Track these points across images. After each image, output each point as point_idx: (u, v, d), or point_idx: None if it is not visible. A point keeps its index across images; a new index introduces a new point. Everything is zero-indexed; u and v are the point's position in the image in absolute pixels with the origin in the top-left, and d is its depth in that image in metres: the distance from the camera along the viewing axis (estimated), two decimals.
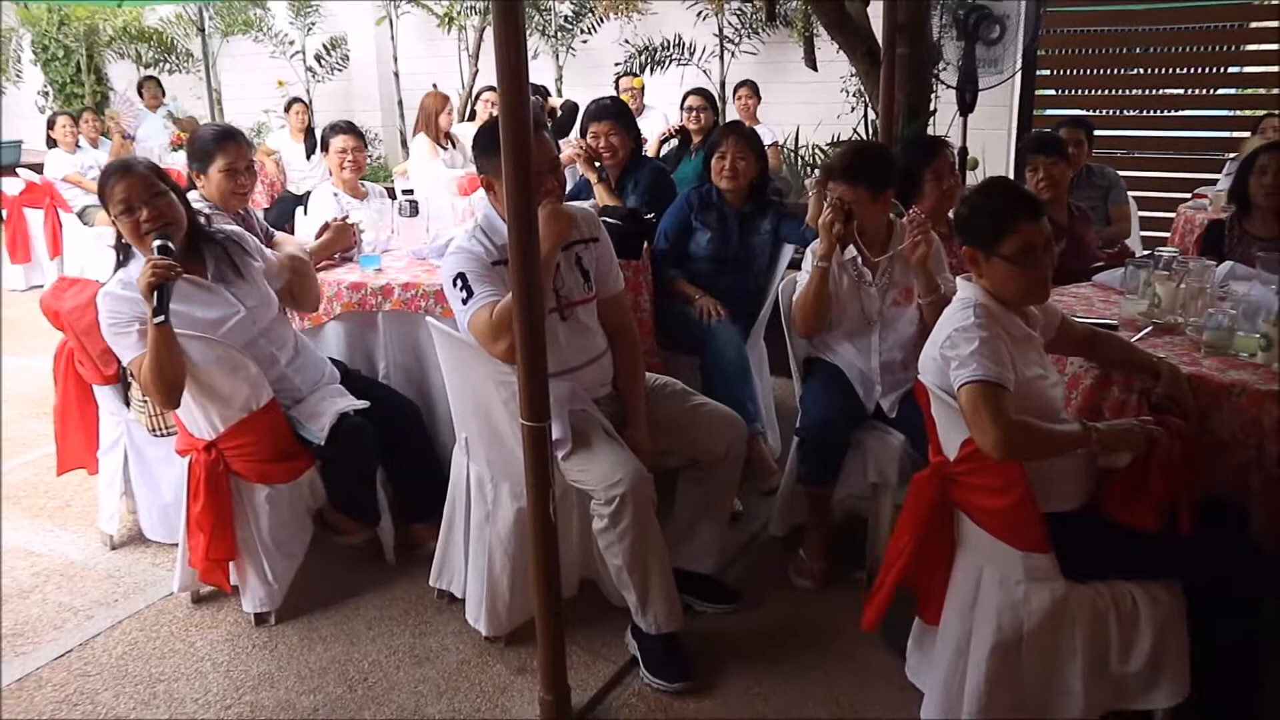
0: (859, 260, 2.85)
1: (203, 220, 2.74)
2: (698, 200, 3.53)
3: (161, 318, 2.38)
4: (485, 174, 2.51)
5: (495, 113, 2.03)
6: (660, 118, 6.71)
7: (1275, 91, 6.75)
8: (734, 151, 3.44)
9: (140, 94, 8.74)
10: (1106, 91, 7.07)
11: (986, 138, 6.21)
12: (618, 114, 3.82)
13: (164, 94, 8.84)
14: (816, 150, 7.00)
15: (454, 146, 5.58)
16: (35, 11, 9.89)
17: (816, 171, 6.06)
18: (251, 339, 2.69)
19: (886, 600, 2.20)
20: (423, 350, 3.15)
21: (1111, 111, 7.00)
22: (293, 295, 2.91)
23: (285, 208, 4.65)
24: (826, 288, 2.80)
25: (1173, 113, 7.01)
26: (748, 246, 3.55)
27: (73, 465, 3.24)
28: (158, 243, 2.46)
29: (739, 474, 2.74)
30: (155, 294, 2.37)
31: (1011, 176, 4.58)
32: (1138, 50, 6.94)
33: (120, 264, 2.63)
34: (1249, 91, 7.09)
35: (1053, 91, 7.18)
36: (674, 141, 5.46)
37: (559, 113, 5.95)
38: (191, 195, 3.12)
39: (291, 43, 9.64)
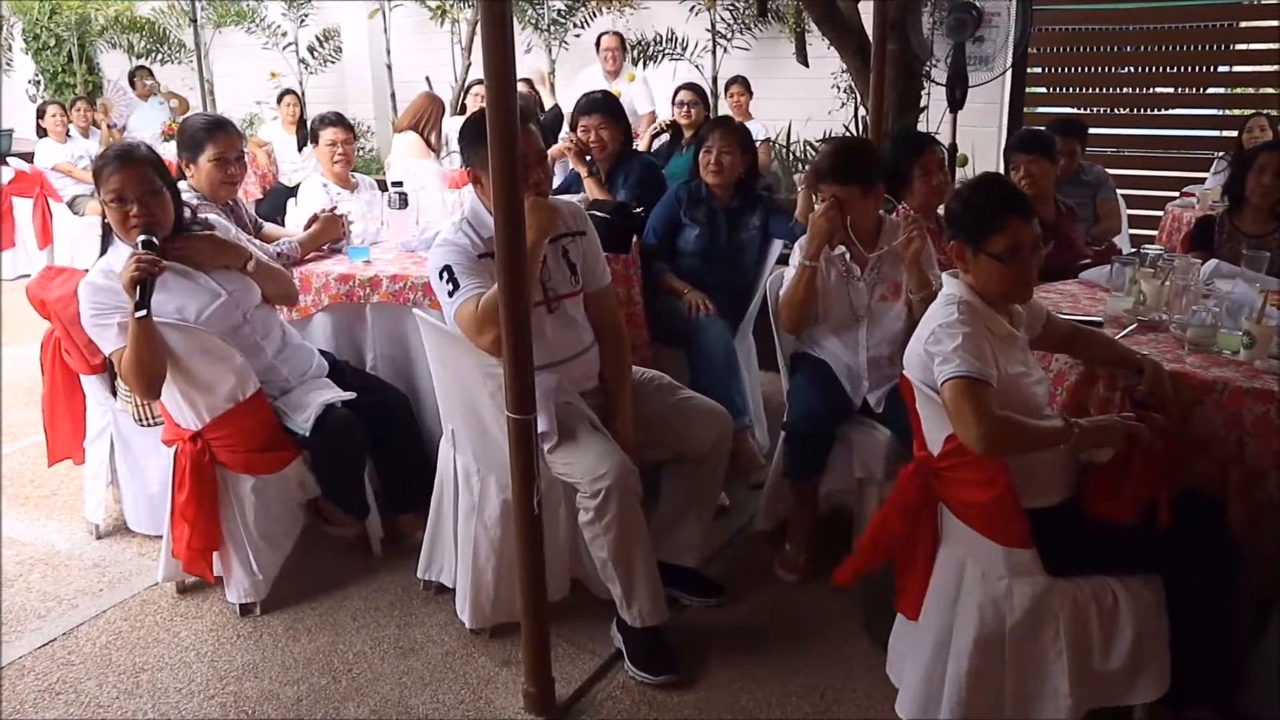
0: (847, 256, 2.85)
1: (188, 213, 2.73)
2: (686, 196, 3.53)
3: (144, 312, 2.38)
4: (471, 166, 2.51)
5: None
6: (642, 96, 6.77)
7: (1264, 91, 6.79)
8: (720, 146, 3.44)
9: (132, 84, 8.71)
10: (1096, 90, 7.09)
11: (977, 135, 6.22)
12: (607, 107, 3.83)
13: (158, 84, 8.82)
14: (807, 146, 7.01)
15: (439, 154, 5.54)
16: (27, 0, 9.83)
17: (806, 167, 6.07)
18: (235, 325, 2.69)
19: (867, 565, 2.24)
20: (410, 342, 3.15)
21: (1101, 109, 7.03)
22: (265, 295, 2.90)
23: (277, 199, 4.65)
24: (814, 286, 2.81)
25: (1162, 111, 7.04)
26: (736, 242, 3.55)
27: (63, 455, 3.23)
28: (142, 238, 2.46)
29: (724, 468, 2.74)
30: (138, 289, 2.37)
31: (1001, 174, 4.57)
32: (1128, 49, 6.96)
33: (102, 251, 2.62)
34: (1238, 91, 7.12)
35: (1043, 90, 7.20)
36: (665, 136, 5.46)
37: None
38: (180, 185, 3.11)
39: (284, 34, 9.60)
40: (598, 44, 7.11)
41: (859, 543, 2.28)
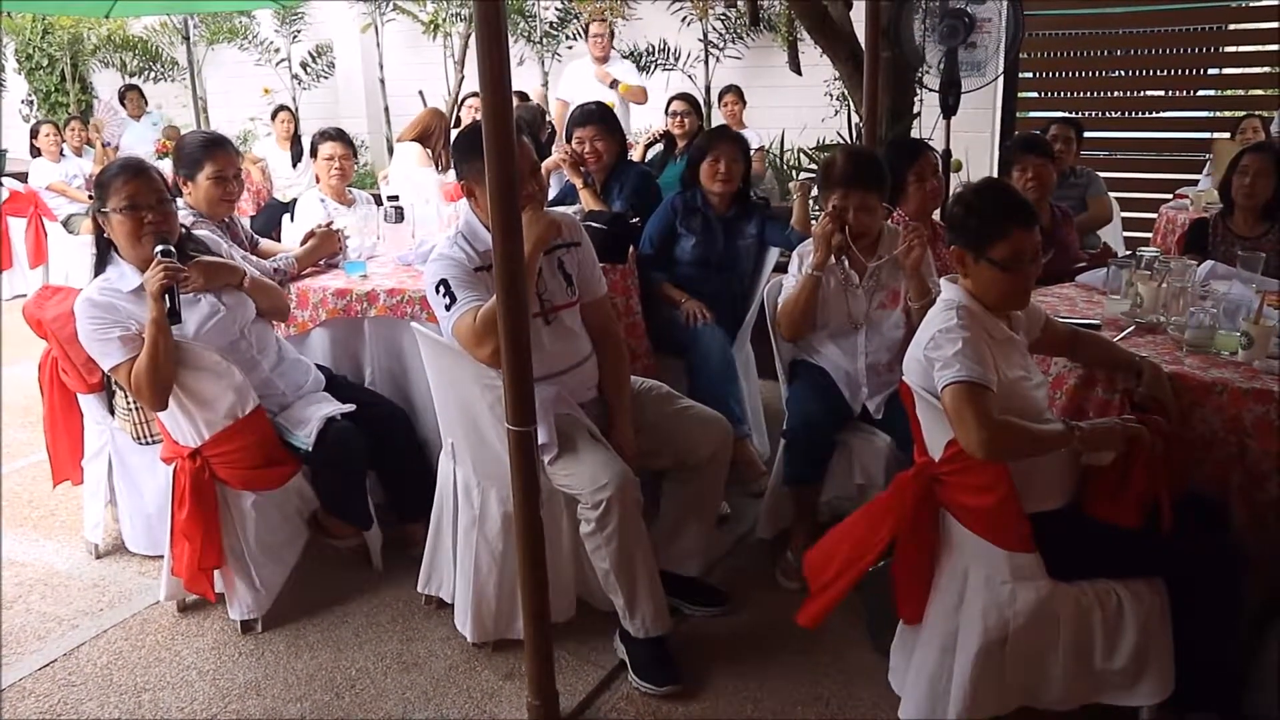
0: (846, 264, 2.85)
1: (183, 229, 2.73)
2: (682, 205, 3.53)
3: (176, 319, 2.41)
4: (465, 179, 2.52)
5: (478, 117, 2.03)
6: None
7: (1254, 92, 6.84)
8: (728, 155, 3.44)
9: (123, 103, 8.73)
10: (1088, 94, 7.12)
11: (969, 140, 6.24)
12: (602, 119, 3.83)
13: (146, 102, 8.83)
14: (801, 154, 7.03)
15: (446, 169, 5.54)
16: (19, 20, 9.85)
17: (801, 175, 6.08)
18: (233, 340, 2.69)
19: (836, 601, 2.19)
20: (408, 356, 3.14)
21: (1093, 113, 7.06)
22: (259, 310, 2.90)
23: (271, 215, 4.64)
24: (816, 295, 2.81)
25: (1154, 114, 7.08)
26: (732, 250, 3.55)
27: (64, 477, 3.22)
28: (160, 246, 2.47)
29: (725, 476, 2.73)
30: (166, 296, 2.39)
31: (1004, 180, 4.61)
32: (1118, 53, 7.01)
33: (98, 268, 2.62)
34: (1229, 93, 7.17)
35: (1035, 94, 7.23)
36: (659, 146, 5.47)
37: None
38: (176, 203, 3.12)
39: (277, 50, 9.63)
40: (586, 30, 7.14)
41: (829, 576, 2.22)
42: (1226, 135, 5.87)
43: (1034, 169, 3.62)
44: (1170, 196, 5.49)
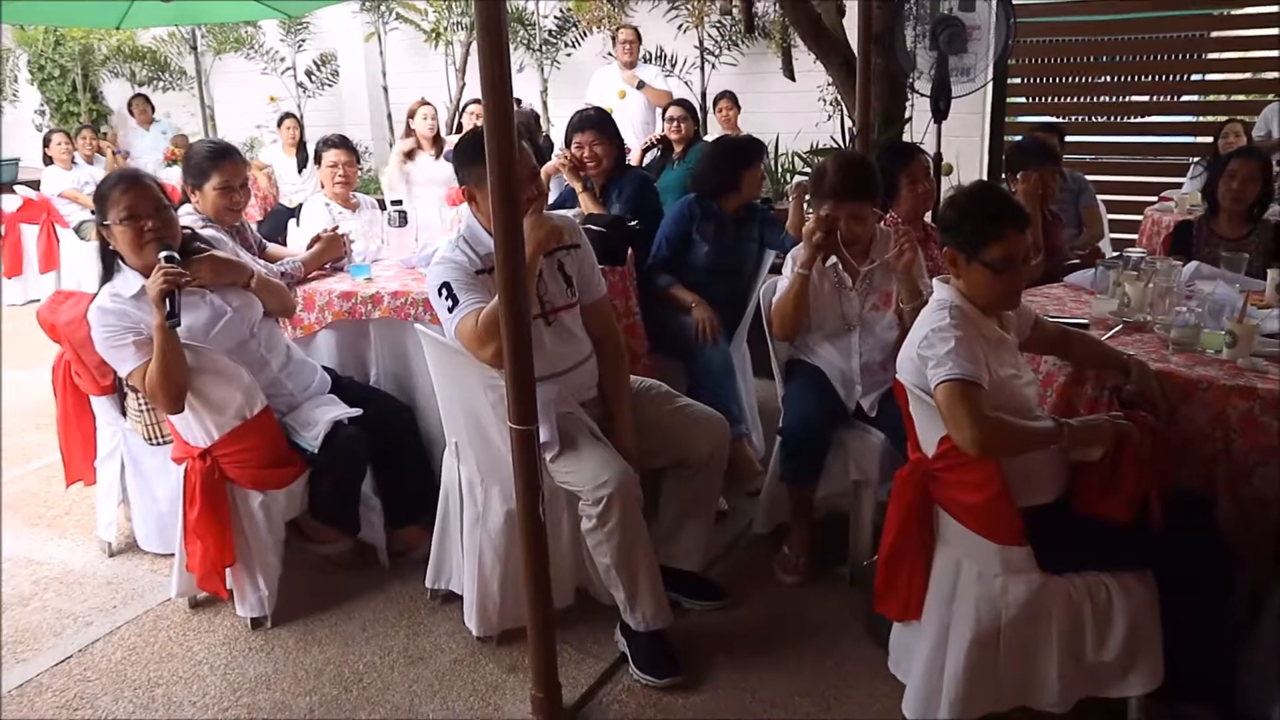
0: (839, 267, 2.91)
1: (189, 230, 2.79)
2: (700, 211, 3.57)
3: (175, 321, 2.44)
4: (467, 185, 2.56)
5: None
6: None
7: (1236, 98, 6.93)
8: (759, 164, 3.60)
9: (131, 111, 8.81)
10: (1074, 99, 7.21)
11: (960, 144, 6.29)
12: (601, 123, 3.87)
13: (154, 110, 8.91)
14: (795, 158, 7.10)
15: (439, 156, 5.59)
16: (31, 32, 9.93)
17: (796, 178, 6.14)
18: (242, 340, 2.75)
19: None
20: (412, 357, 3.19)
21: (1080, 118, 7.13)
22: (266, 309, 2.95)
23: (278, 220, 4.71)
24: (806, 294, 2.87)
25: (1138, 119, 7.17)
26: (739, 254, 3.61)
27: (77, 477, 3.28)
28: (164, 252, 2.51)
29: (723, 474, 2.78)
30: (167, 301, 2.43)
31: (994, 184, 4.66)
32: (1104, 59, 7.09)
33: (105, 276, 2.67)
34: (1211, 98, 7.27)
35: (1023, 99, 7.30)
36: (655, 151, 5.52)
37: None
38: (185, 209, 3.17)
39: (282, 59, 9.70)
40: (614, 38, 7.11)
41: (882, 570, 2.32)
42: (1210, 139, 5.93)
43: (1045, 177, 3.64)
44: (1155, 199, 5.55)
